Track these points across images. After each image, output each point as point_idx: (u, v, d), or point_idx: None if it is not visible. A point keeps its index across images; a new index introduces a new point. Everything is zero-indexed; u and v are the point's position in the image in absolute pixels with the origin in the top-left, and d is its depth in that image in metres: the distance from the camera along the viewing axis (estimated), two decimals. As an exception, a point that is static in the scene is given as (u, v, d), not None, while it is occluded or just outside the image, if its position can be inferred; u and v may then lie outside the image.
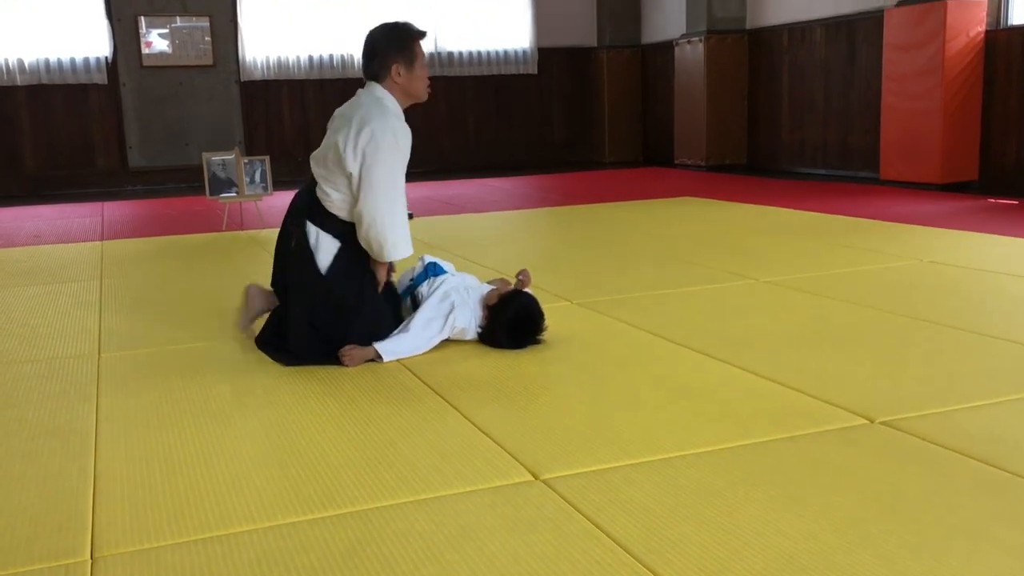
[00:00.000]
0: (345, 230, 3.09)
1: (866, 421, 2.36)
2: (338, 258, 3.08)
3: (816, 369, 2.82)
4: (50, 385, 2.94)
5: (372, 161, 2.99)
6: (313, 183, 3.14)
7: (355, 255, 3.11)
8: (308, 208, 3.11)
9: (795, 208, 6.61)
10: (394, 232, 3.04)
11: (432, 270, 3.41)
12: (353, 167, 3.00)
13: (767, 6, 9.81)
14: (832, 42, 8.97)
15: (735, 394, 2.62)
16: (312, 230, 3.08)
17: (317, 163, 3.13)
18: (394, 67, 3.09)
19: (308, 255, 3.07)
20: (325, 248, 3.07)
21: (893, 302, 3.66)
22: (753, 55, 10.00)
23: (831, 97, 9.05)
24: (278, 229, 3.25)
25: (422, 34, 3.14)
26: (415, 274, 3.46)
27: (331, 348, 3.03)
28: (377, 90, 3.11)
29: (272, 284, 3.25)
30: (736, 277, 4.24)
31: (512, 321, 3.15)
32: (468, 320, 3.20)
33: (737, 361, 2.91)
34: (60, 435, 2.47)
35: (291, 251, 3.10)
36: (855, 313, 3.54)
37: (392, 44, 3.09)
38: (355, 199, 3.03)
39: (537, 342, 3.18)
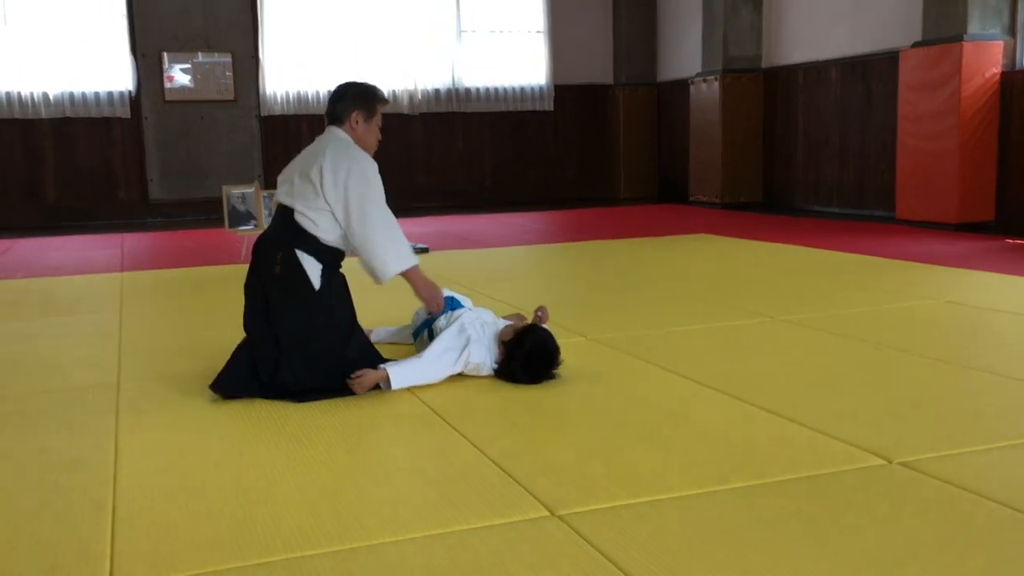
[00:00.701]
0: (325, 252, 3.18)
1: (884, 462, 2.35)
2: (324, 277, 3.16)
3: (833, 408, 2.82)
4: (70, 415, 2.97)
5: (358, 193, 3.13)
6: (283, 217, 3.21)
7: (340, 278, 3.23)
8: (291, 236, 3.16)
9: (811, 246, 6.62)
10: (397, 250, 3.19)
11: (450, 304, 3.44)
12: (334, 199, 3.12)
13: (783, 45, 9.89)
14: (848, 82, 9.02)
15: (752, 432, 2.62)
16: (299, 254, 3.14)
17: (294, 198, 3.19)
18: (354, 114, 3.28)
19: (301, 276, 3.12)
20: (312, 269, 3.15)
21: (910, 342, 3.65)
22: (768, 93, 10.06)
23: (847, 136, 9.08)
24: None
25: (386, 100, 3.40)
26: None
27: (330, 376, 3.04)
28: (338, 132, 3.29)
29: (245, 326, 3.19)
30: (752, 315, 4.24)
31: (527, 355, 3.16)
32: (483, 356, 3.22)
33: (754, 399, 2.91)
34: (79, 466, 2.49)
35: (276, 276, 3.13)
36: (872, 352, 3.53)
37: (359, 95, 3.31)
38: (350, 232, 3.14)
39: (552, 376, 3.20)
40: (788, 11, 9.77)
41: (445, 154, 11.49)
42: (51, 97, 10.02)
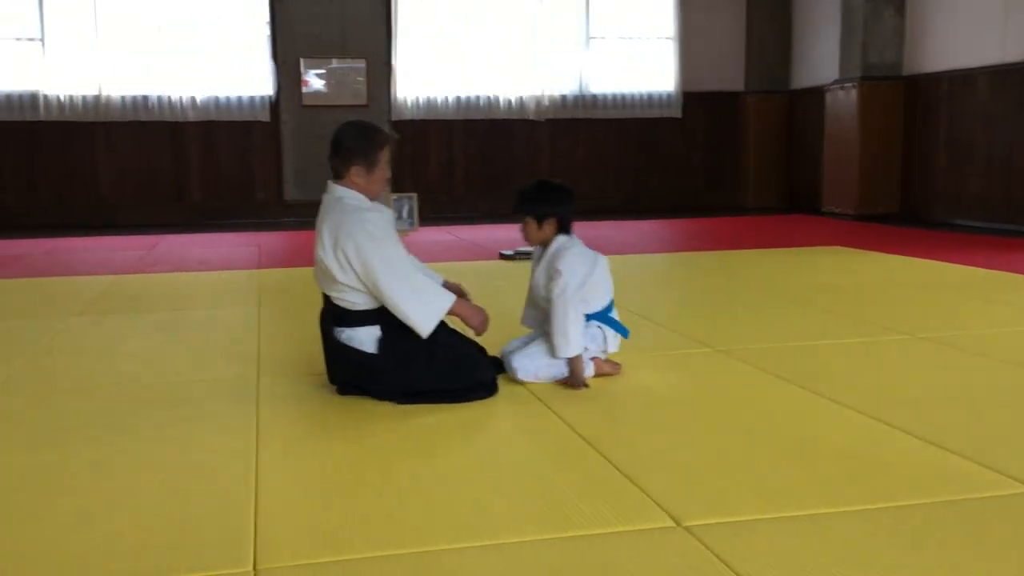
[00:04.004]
0: (373, 316, 3.09)
1: (1030, 489, 2.25)
2: (384, 340, 3.09)
3: (975, 431, 2.70)
4: (215, 404, 3.12)
5: (364, 264, 2.99)
6: (325, 299, 3.18)
7: (399, 328, 3.07)
8: (333, 317, 3.14)
9: (953, 262, 6.33)
10: (418, 309, 3.03)
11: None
12: (347, 279, 3.03)
13: (926, 52, 9.50)
14: (997, 91, 8.59)
15: (888, 453, 2.54)
16: (345, 334, 3.11)
17: (318, 280, 3.18)
18: (354, 168, 3.08)
19: (357, 353, 3.09)
20: (368, 340, 3.09)
21: (1060, 365, 3.46)
22: (909, 102, 9.68)
23: (993, 147, 8.65)
24: (424, 263, 3.36)
25: (388, 141, 3.14)
26: None
27: (445, 390, 3.05)
28: (336, 190, 3.12)
29: (331, 379, 3.22)
30: (889, 332, 4.10)
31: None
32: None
33: (890, 419, 2.81)
34: (224, 452, 2.62)
35: (338, 349, 3.13)
36: (1017, 375, 3.36)
37: (355, 147, 3.08)
38: (380, 299, 3.04)
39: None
40: (933, 15, 9.38)
41: (570, 160, 11.52)
42: (198, 101, 10.54)
